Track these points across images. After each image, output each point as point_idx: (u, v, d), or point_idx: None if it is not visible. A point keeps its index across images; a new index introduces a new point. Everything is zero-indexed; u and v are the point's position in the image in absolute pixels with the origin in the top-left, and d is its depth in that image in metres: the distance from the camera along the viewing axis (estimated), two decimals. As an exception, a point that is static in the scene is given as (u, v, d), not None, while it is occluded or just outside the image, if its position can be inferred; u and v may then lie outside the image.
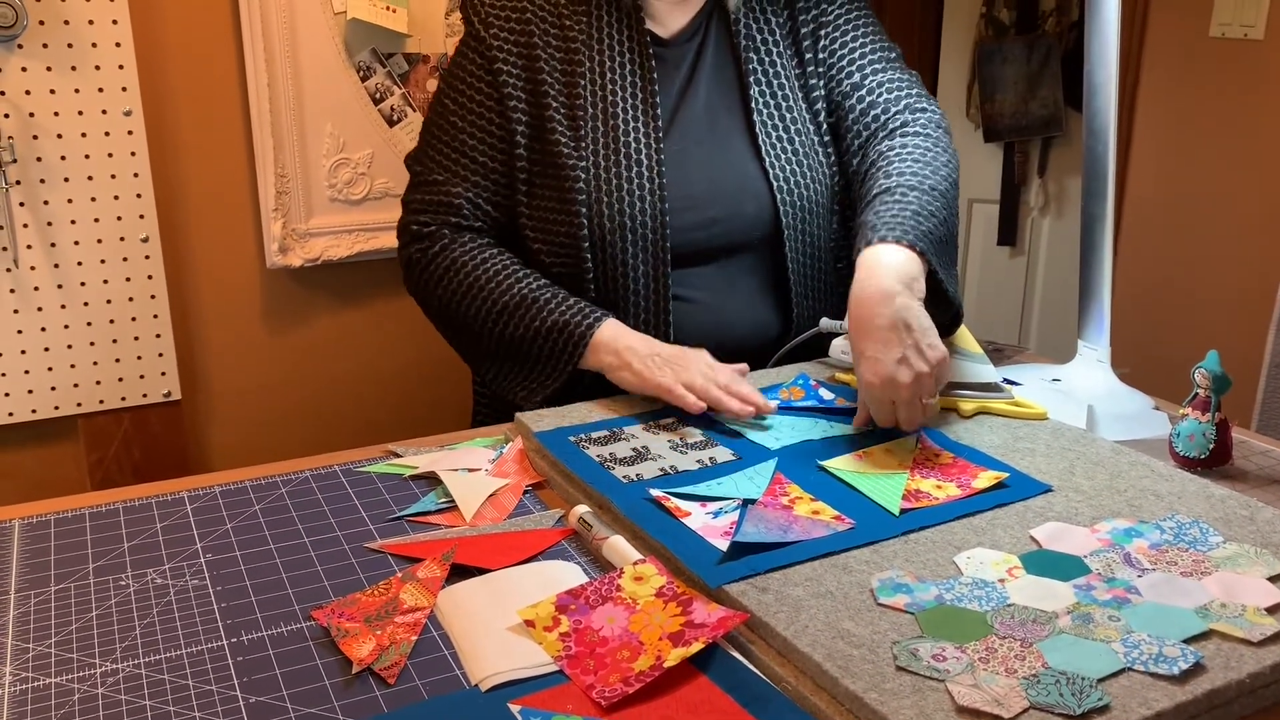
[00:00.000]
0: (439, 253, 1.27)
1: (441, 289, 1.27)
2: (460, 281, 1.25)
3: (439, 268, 1.27)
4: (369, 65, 1.73)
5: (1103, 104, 1.19)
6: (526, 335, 1.22)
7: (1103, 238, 1.22)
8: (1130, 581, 0.81)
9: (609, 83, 1.26)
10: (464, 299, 1.25)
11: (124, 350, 1.65)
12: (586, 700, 0.73)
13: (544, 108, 1.25)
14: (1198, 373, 1.06)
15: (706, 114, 1.31)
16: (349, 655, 0.78)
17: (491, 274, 1.25)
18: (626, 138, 1.25)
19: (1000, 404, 1.14)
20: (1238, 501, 0.94)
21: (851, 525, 0.90)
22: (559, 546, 0.94)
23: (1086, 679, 0.70)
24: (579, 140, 1.24)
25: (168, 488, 1.05)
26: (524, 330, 1.22)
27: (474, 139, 1.28)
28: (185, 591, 0.87)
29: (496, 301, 1.23)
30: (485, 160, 1.28)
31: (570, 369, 1.21)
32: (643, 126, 1.26)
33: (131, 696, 0.74)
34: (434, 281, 1.28)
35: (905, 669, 0.71)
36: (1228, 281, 2.12)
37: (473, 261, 1.26)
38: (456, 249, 1.27)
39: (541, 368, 1.23)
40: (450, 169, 1.29)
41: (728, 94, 1.32)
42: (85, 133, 1.56)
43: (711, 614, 0.79)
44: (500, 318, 1.23)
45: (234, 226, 1.73)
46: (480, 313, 1.24)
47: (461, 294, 1.25)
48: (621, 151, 1.25)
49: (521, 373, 1.25)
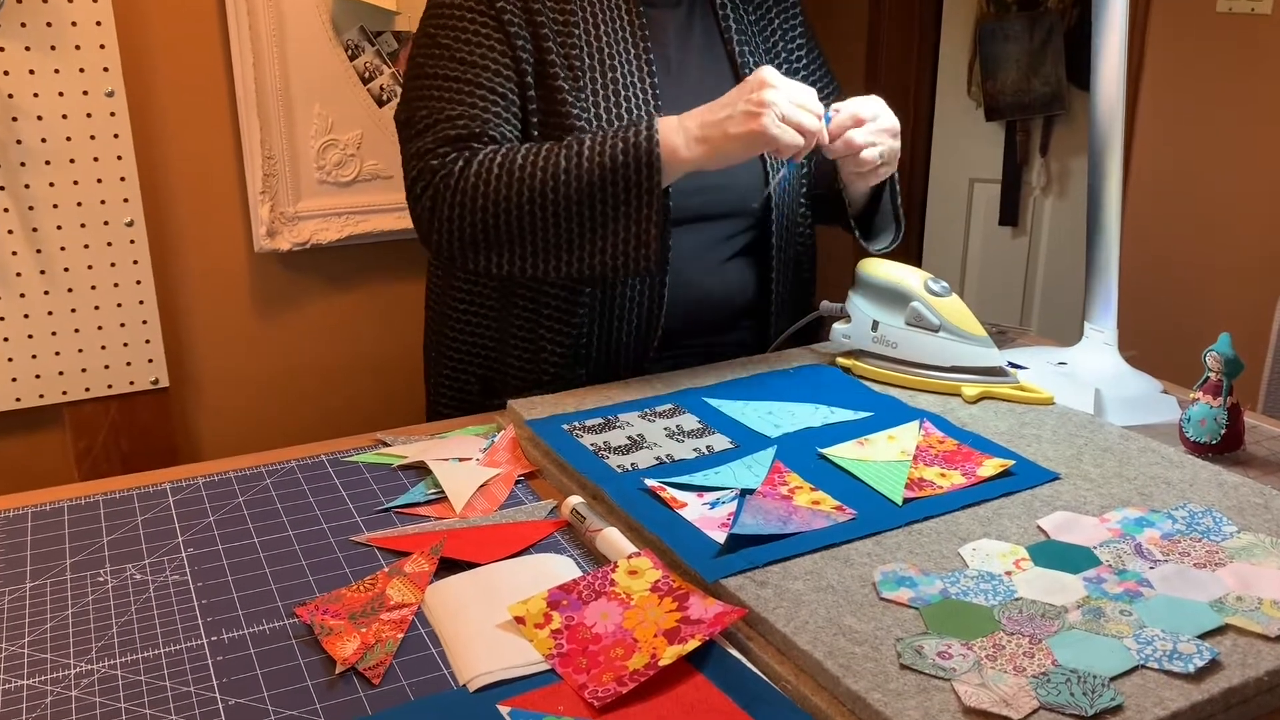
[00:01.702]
0: (464, 167, 1.15)
1: (480, 196, 1.13)
2: (499, 175, 1.13)
3: (471, 178, 1.14)
4: (357, 44, 1.69)
5: (1109, 80, 1.16)
6: (594, 180, 1.11)
7: (1109, 217, 1.19)
8: (1142, 574, 0.79)
9: (604, 34, 1.23)
10: (510, 188, 1.12)
11: (110, 337, 1.62)
12: (579, 700, 0.70)
13: (545, 52, 1.20)
14: (1209, 356, 1.02)
15: (699, 80, 1.30)
16: (332, 654, 0.75)
17: (526, 150, 1.14)
18: (627, 91, 1.23)
19: (1005, 389, 1.11)
20: (1251, 489, 0.91)
21: (853, 516, 0.87)
22: (551, 539, 0.91)
23: (1098, 677, 0.67)
24: (579, 90, 1.21)
25: (149, 479, 1.02)
26: (588, 178, 1.11)
27: (487, 72, 1.19)
28: (165, 588, 0.84)
29: (547, 170, 1.11)
30: (504, 91, 1.20)
31: (658, 185, 1.11)
32: (638, 82, 1.24)
33: (106, 699, 0.72)
34: (472, 194, 1.14)
35: (909, 667, 0.68)
36: (1234, 261, 2.09)
37: (500, 153, 1.15)
38: (482, 155, 1.15)
39: (627, 208, 1.11)
40: (466, 102, 1.18)
41: (717, 63, 1.32)
42: (66, 114, 1.52)
43: (708, 609, 0.76)
44: (558, 179, 1.11)
45: (221, 210, 1.70)
46: (535, 192, 1.12)
47: (505, 184, 1.13)
48: (623, 105, 1.22)
49: (609, 232, 1.13)
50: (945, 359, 1.13)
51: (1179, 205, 2.19)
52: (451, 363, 1.34)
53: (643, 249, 1.12)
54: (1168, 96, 2.18)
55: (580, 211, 1.12)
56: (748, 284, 1.32)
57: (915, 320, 1.14)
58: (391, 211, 1.76)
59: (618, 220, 1.12)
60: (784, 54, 1.38)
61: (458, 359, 1.33)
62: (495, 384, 1.31)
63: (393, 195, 1.75)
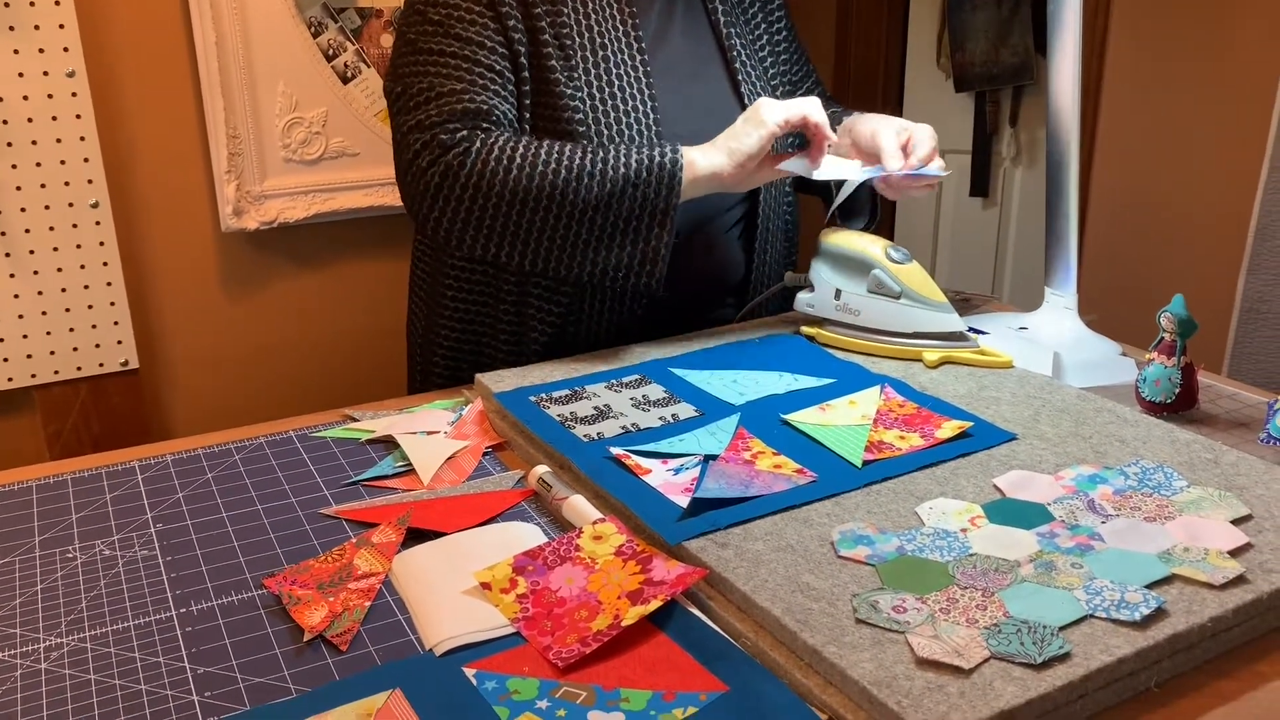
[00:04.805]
0: (482, 148, 1.13)
1: (499, 185, 1.11)
2: (520, 166, 1.11)
3: (491, 162, 1.12)
4: (320, 21, 1.68)
5: (1067, 46, 1.17)
6: (614, 189, 1.11)
7: (1068, 183, 1.20)
8: (1094, 528, 0.81)
9: (591, 12, 1.23)
10: (530, 182, 1.11)
11: (78, 319, 1.61)
12: (543, 661, 0.71)
13: (538, 31, 1.20)
14: (1163, 316, 1.04)
15: (688, 60, 1.30)
16: (300, 623, 0.76)
17: (550, 147, 1.13)
18: (619, 69, 1.23)
19: (965, 353, 1.13)
20: (1202, 445, 0.93)
21: (813, 478, 0.89)
22: (518, 508, 0.92)
23: (1048, 627, 0.69)
24: (571, 70, 1.20)
25: (118, 457, 1.02)
26: (609, 186, 1.11)
27: (483, 49, 1.17)
28: (134, 562, 0.85)
29: (570, 170, 1.11)
30: (501, 69, 1.18)
31: (674, 200, 1.13)
32: (628, 60, 1.24)
33: (76, 670, 0.72)
34: (490, 178, 1.12)
35: (865, 621, 0.70)
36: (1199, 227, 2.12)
37: (523, 143, 1.14)
38: (503, 140, 1.14)
39: (640, 218, 1.13)
40: (465, 79, 1.16)
41: (703, 43, 1.33)
42: (27, 95, 1.51)
43: (671, 571, 0.77)
44: (580, 180, 1.11)
45: (186, 190, 1.69)
46: (556, 190, 1.11)
47: (526, 178, 1.11)
48: (615, 85, 1.22)
49: (620, 243, 1.13)
50: (907, 325, 1.15)
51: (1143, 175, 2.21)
52: (446, 345, 1.32)
53: (648, 265, 1.15)
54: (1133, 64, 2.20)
55: (595, 218, 1.12)
56: (736, 262, 1.33)
57: (877, 288, 1.16)
58: (358, 189, 1.76)
59: (629, 233, 1.14)
60: (764, 29, 1.39)
61: (451, 341, 1.32)
62: (484, 364, 1.31)
63: (359, 172, 1.75)
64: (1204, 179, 2.10)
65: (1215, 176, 2.08)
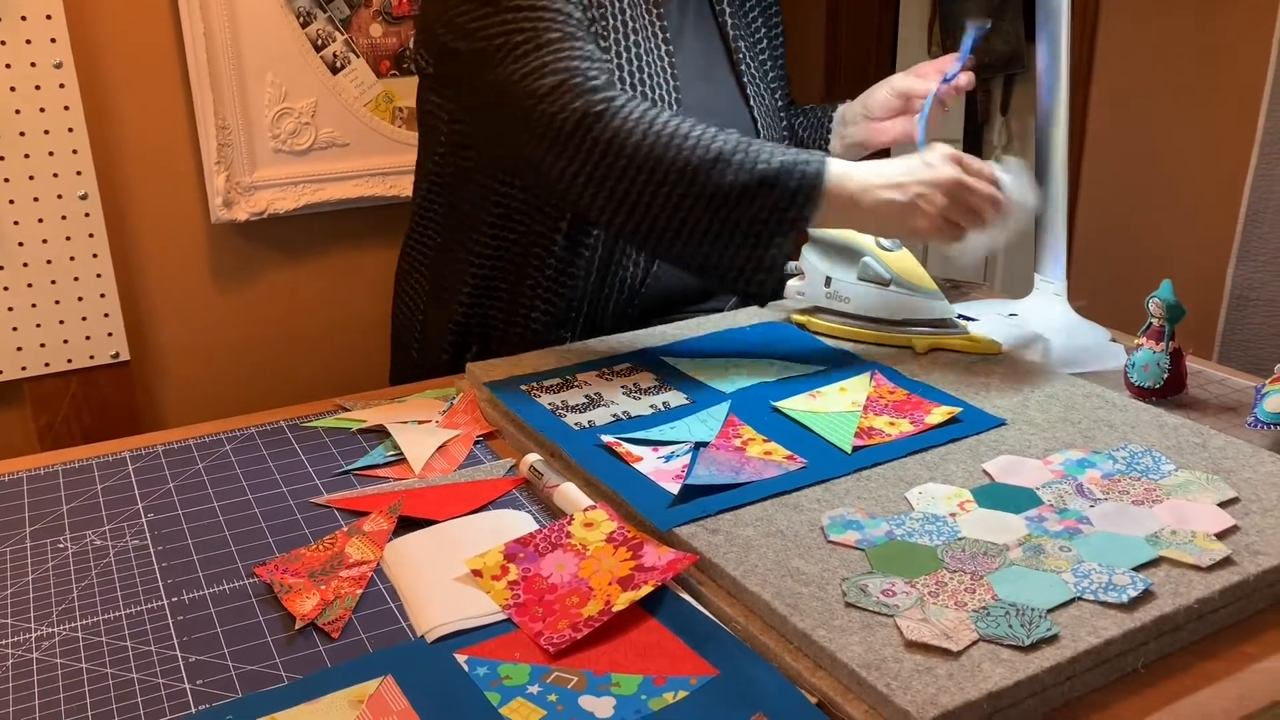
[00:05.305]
0: (626, 104, 1.07)
1: (634, 145, 1.05)
2: (661, 134, 1.06)
3: (631, 119, 1.06)
4: (309, 10, 1.67)
5: (1056, 33, 1.17)
6: (750, 182, 1.03)
7: (1057, 169, 1.21)
8: (1082, 512, 0.81)
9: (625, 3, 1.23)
10: (668, 151, 1.05)
11: (68, 311, 1.60)
12: (534, 647, 0.72)
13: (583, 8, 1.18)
14: (1151, 302, 1.05)
15: (702, 61, 1.31)
16: (292, 611, 0.76)
17: (694, 125, 1.08)
18: (648, 58, 1.23)
19: (955, 339, 1.13)
20: (1190, 429, 0.94)
21: (804, 464, 0.89)
22: (509, 496, 0.92)
23: (1036, 610, 0.69)
24: (605, 52, 1.20)
25: (109, 448, 1.02)
26: (746, 177, 1.04)
27: (572, 20, 1.13)
28: (125, 552, 0.85)
29: (711, 149, 1.04)
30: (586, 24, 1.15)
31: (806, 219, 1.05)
32: (656, 51, 1.24)
33: (67, 660, 0.72)
34: (626, 135, 1.06)
35: (854, 605, 0.70)
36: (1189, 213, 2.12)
37: (669, 113, 1.09)
38: (643, 104, 1.09)
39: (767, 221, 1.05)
40: (564, 30, 1.11)
41: (711, 43, 1.33)
42: (14, 86, 1.50)
43: (662, 557, 0.78)
44: (717, 166, 1.04)
45: (176, 181, 1.68)
46: (692, 164, 1.04)
47: (664, 146, 1.05)
48: (645, 74, 1.22)
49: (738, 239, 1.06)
50: (896, 312, 1.15)
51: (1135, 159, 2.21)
52: (454, 330, 1.31)
53: (760, 273, 1.07)
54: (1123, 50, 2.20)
55: (722, 210, 1.05)
56: None
57: (867, 275, 1.16)
58: (348, 179, 1.75)
59: (751, 235, 1.06)
60: (764, 33, 1.39)
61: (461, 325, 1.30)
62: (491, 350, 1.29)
63: (349, 163, 1.75)
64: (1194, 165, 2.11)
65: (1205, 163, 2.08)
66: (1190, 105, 2.09)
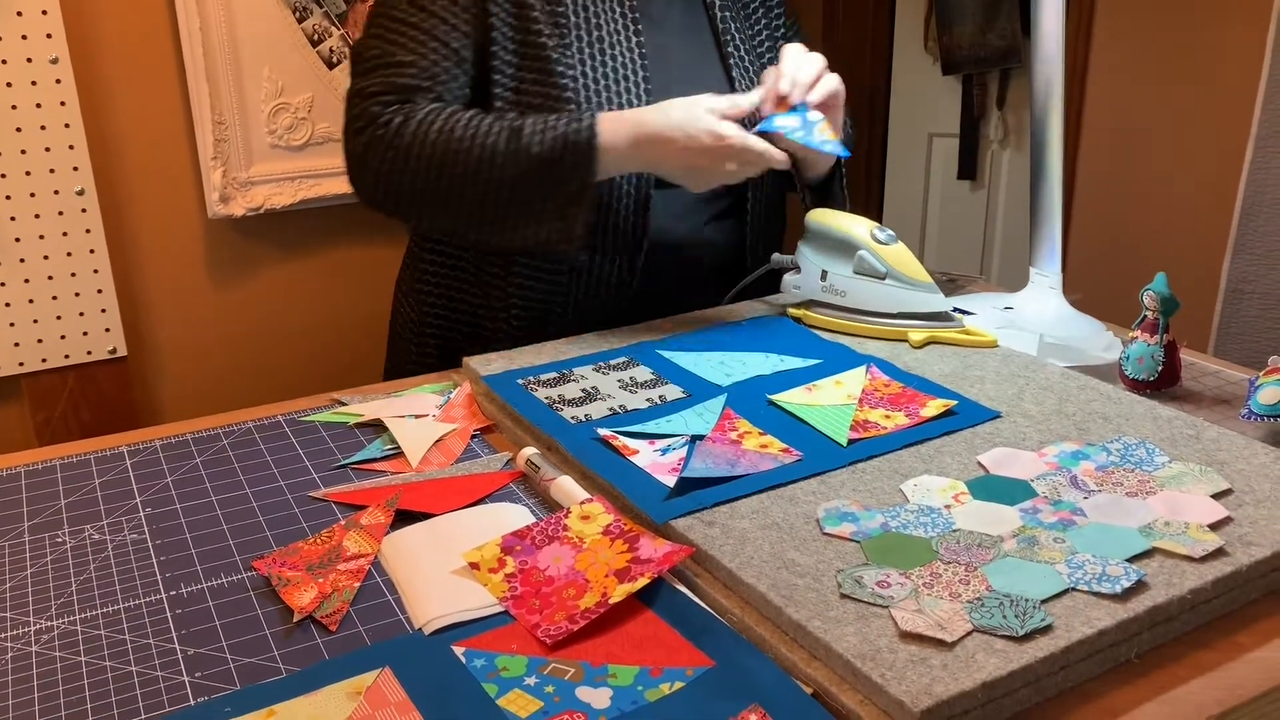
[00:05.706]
0: (404, 123, 1.14)
1: (414, 159, 1.13)
2: (436, 142, 1.12)
3: (408, 136, 1.13)
4: (305, 6, 1.67)
5: (1051, 26, 1.17)
6: (527, 171, 1.11)
7: (1052, 163, 1.21)
8: (1076, 504, 0.81)
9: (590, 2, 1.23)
10: (445, 159, 1.12)
11: (65, 307, 1.61)
12: (531, 639, 0.72)
13: (528, 8, 1.19)
14: (1146, 295, 1.05)
15: (685, 53, 1.30)
16: (290, 604, 0.77)
17: (467, 122, 1.13)
18: (614, 50, 1.23)
19: (950, 333, 1.14)
20: (1184, 421, 0.94)
21: (799, 457, 0.90)
22: (506, 490, 0.92)
23: (1030, 600, 0.70)
24: (565, 47, 1.20)
25: (107, 443, 1.03)
26: (524, 164, 1.11)
27: (445, 25, 1.17)
28: (124, 546, 0.85)
29: (484, 148, 1.12)
30: (458, 48, 1.18)
31: (590, 185, 1.12)
32: (625, 40, 1.23)
33: (66, 653, 0.73)
34: (405, 153, 1.13)
35: (849, 596, 0.71)
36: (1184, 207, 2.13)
37: (443, 117, 1.14)
38: (424, 113, 1.14)
39: (555, 201, 1.13)
40: (418, 52, 1.16)
41: (698, 34, 1.32)
42: (11, 82, 1.50)
43: (658, 549, 0.78)
44: (492, 165, 1.11)
45: (173, 176, 1.69)
46: (469, 168, 1.12)
47: (440, 154, 1.12)
48: (609, 63, 1.22)
49: (536, 219, 1.14)
50: (892, 305, 1.15)
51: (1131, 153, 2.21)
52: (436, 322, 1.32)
53: (564, 241, 1.15)
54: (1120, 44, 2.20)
55: (509, 195, 1.13)
56: (728, 244, 1.34)
57: (862, 269, 1.16)
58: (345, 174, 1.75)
59: (545, 210, 1.14)
60: (765, 25, 1.38)
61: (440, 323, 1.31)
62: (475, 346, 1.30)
63: (346, 158, 1.75)
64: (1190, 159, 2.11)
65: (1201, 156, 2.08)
66: (1185, 99, 2.09)
